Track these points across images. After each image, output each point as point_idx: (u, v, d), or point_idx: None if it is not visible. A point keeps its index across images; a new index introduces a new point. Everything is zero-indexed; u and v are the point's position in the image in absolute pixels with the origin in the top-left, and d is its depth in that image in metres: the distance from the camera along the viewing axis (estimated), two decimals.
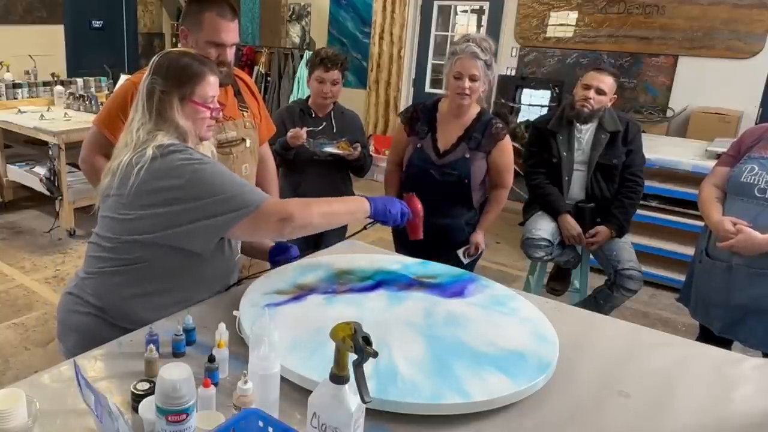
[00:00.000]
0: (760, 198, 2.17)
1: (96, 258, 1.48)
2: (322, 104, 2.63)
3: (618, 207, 2.82)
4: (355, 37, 6.66)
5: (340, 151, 2.53)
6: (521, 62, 5.56)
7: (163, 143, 1.39)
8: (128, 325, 1.40)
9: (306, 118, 2.64)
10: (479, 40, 2.28)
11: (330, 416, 0.93)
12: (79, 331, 1.48)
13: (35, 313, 3.18)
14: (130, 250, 1.42)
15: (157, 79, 1.43)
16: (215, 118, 1.53)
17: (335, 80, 2.58)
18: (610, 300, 2.86)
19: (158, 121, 1.42)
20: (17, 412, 0.99)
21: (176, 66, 1.45)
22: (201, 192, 1.35)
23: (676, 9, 4.74)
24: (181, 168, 1.36)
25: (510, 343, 1.35)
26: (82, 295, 1.49)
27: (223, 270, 1.57)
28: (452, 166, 2.36)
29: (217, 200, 1.35)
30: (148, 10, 7.93)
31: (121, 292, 1.45)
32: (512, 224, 4.80)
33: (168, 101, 1.42)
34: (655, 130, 4.76)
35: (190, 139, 1.46)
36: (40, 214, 4.70)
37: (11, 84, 4.96)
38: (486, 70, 2.28)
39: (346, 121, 2.70)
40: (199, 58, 1.50)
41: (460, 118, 2.39)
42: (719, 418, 1.22)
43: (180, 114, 1.43)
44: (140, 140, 1.41)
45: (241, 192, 1.38)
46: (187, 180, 1.35)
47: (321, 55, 2.57)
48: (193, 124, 1.46)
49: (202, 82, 1.46)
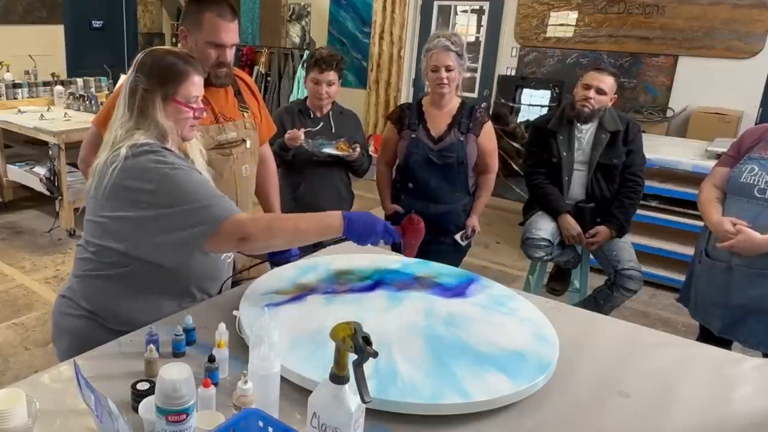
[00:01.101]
0: (760, 198, 2.17)
1: (82, 260, 1.48)
2: (319, 105, 2.62)
3: (618, 207, 2.82)
4: (355, 37, 6.66)
5: (339, 152, 2.52)
6: (521, 62, 5.55)
7: (138, 142, 1.37)
8: (120, 327, 1.40)
9: (304, 119, 2.63)
10: (448, 35, 2.50)
11: (330, 416, 0.93)
12: (72, 334, 1.48)
13: (35, 313, 3.18)
14: (110, 255, 1.41)
15: (141, 77, 1.41)
16: (198, 118, 1.50)
17: (331, 81, 2.56)
18: (610, 300, 2.86)
19: (139, 120, 1.41)
20: (17, 412, 0.99)
21: (160, 65, 1.42)
22: (168, 200, 1.34)
23: (676, 9, 4.74)
24: (152, 171, 1.34)
25: (510, 343, 1.35)
26: (74, 297, 1.48)
27: (210, 268, 1.54)
28: (449, 149, 2.54)
29: (184, 210, 1.34)
30: (148, 10, 7.94)
31: (108, 296, 1.44)
32: (512, 224, 4.81)
33: (150, 100, 1.40)
34: (655, 130, 4.76)
35: (170, 139, 1.44)
36: (40, 214, 4.70)
37: (11, 84, 4.96)
38: (459, 60, 2.48)
39: (345, 121, 2.69)
40: (183, 57, 1.47)
41: (444, 108, 2.59)
42: (719, 418, 1.22)
43: (162, 113, 1.41)
44: (118, 138, 1.39)
45: (208, 204, 1.35)
46: (156, 185, 1.34)
47: (316, 56, 2.55)
48: (175, 124, 1.44)
49: (185, 82, 1.43)
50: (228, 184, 1.94)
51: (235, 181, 1.97)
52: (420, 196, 2.60)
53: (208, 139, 1.87)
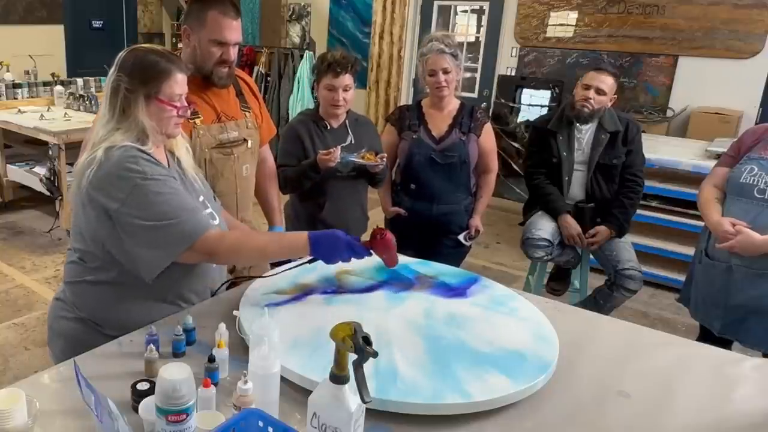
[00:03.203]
0: (760, 199, 2.17)
1: (71, 265, 1.47)
2: (335, 114, 2.34)
3: (618, 207, 2.82)
4: (355, 37, 6.66)
5: (366, 162, 2.26)
6: (521, 62, 5.55)
7: (114, 145, 1.35)
8: (113, 332, 1.38)
9: (321, 131, 2.35)
10: (441, 37, 2.49)
11: (330, 416, 0.93)
12: (65, 337, 1.47)
13: (35, 313, 3.18)
14: (94, 258, 1.41)
15: (122, 77, 1.37)
16: (183, 116, 1.48)
17: (347, 86, 2.27)
18: (610, 300, 2.86)
19: (120, 119, 1.38)
20: (17, 412, 1.00)
21: (142, 63, 1.39)
22: (139, 212, 1.32)
23: (676, 9, 4.74)
24: (122, 181, 1.32)
25: (510, 343, 1.35)
26: (67, 300, 1.48)
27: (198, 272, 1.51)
28: (451, 149, 2.54)
29: (154, 226, 1.32)
30: (148, 10, 7.94)
31: (98, 301, 1.44)
32: (512, 224, 4.81)
33: (133, 99, 1.37)
34: (655, 130, 4.76)
35: (152, 138, 1.41)
36: (40, 214, 4.70)
37: (11, 84, 4.96)
38: (455, 61, 2.47)
39: (363, 129, 2.45)
40: (166, 55, 1.43)
41: (445, 110, 2.59)
42: (719, 418, 1.22)
43: (144, 112, 1.38)
44: (99, 138, 1.37)
45: (178, 221, 1.34)
46: (126, 195, 1.32)
47: (328, 60, 2.27)
48: (158, 123, 1.41)
49: (168, 80, 1.40)
50: (228, 184, 1.95)
51: (235, 181, 1.97)
52: (422, 196, 2.59)
53: (209, 137, 1.87)
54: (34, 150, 4.75)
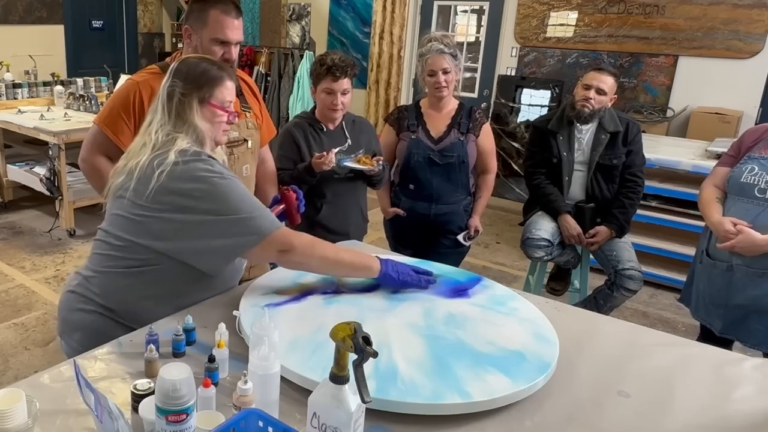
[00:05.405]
0: (760, 198, 2.17)
1: (104, 256, 1.48)
2: (332, 117, 2.33)
3: (618, 207, 2.82)
4: (355, 37, 6.66)
5: (362, 166, 2.25)
6: (521, 62, 5.56)
7: (186, 149, 1.41)
8: (136, 324, 1.40)
9: (317, 134, 2.35)
10: (440, 37, 2.50)
11: (330, 416, 0.93)
12: (84, 329, 1.48)
13: (35, 313, 3.18)
14: (141, 252, 1.42)
15: (177, 82, 1.45)
16: (231, 123, 1.55)
17: (345, 90, 2.26)
18: (610, 300, 2.86)
19: (177, 123, 1.45)
20: (17, 412, 1.00)
21: (195, 70, 1.48)
22: (215, 207, 1.37)
23: (676, 9, 4.74)
24: (201, 179, 1.38)
25: (510, 343, 1.35)
26: (87, 293, 1.48)
27: (232, 273, 1.58)
28: (450, 149, 2.55)
29: (229, 220, 1.37)
30: (148, 10, 7.93)
31: (130, 294, 1.45)
32: (512, 224, 4.82)
33: (188, 103, 1.45)
34: (655, 130, 4.76)
35: (207, 143, 1.49)
36: (40, 214, 4.70)
37: (11, 84, 4.96)
38: (454, 61, 2.48)
39: (361, 131, 2.44)
40: (217, 64, 1.54)
41: (443, 110, 2.60)
42: (719, 418, 1.22)
43: (199, 116, 1.46)
44: (159, 141, 1.43)
45: (252, 216, 1.40)
46: (204, 192, 1.37)
47: (327, 63, 2.24)
48: (210, 127, 1.49)
49: (220, 86, 1.49)
50: None
51: None
52: (421, 197, 2.60)
53: None
54: (34, 150, 4.76)
